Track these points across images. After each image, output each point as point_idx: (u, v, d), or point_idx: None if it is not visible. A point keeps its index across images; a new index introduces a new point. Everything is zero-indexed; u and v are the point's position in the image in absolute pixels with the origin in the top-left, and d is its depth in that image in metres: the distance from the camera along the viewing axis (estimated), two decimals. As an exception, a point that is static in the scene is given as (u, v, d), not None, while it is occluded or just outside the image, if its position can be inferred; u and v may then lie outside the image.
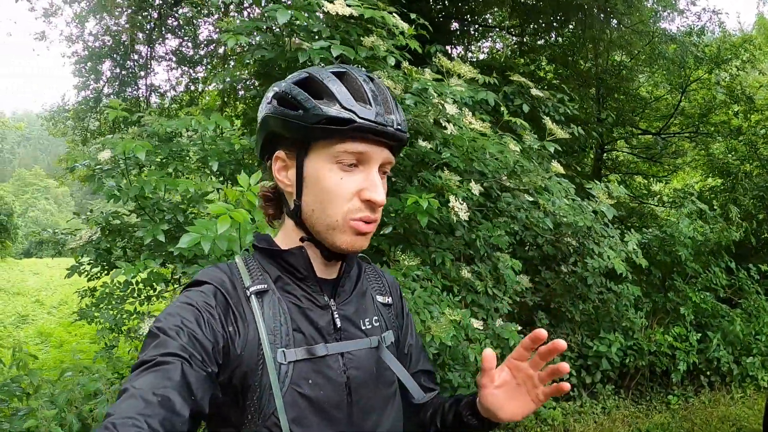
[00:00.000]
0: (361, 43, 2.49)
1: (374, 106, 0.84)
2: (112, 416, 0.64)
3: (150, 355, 0.72)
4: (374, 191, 0.85)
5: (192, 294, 0.83)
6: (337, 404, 0.86)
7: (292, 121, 0.84)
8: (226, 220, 1.60)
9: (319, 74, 0.87)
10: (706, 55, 7.84)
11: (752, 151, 7.55)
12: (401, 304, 1.08)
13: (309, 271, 0.90)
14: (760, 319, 5.12)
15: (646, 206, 8.41)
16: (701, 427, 4.12)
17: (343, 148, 0.83)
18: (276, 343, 0.83)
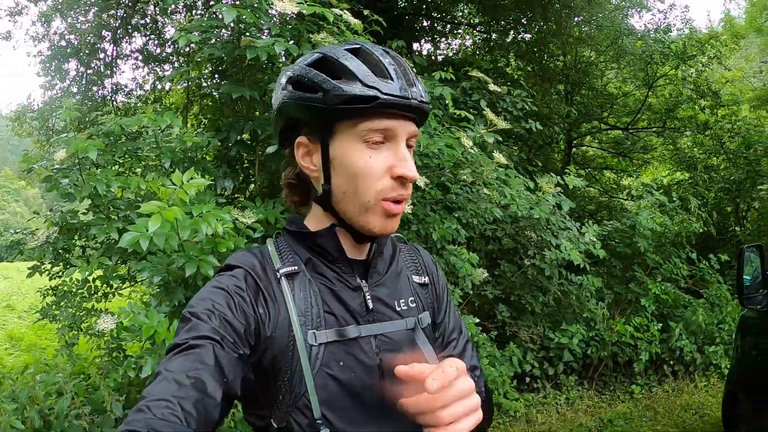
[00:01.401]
0: (310, 39, 2.52)
1: (396, 79, 0.82)
2: (146, 398, 0.65)
3: (182, 339, 0.74)
4: (405, 167, 0.83)
5: (222, 278, 0.84)
6: (369, 387, 0.85)
7: (313, 105, 0.82)
8: (158, 219, 1.63)
9: (333, 53, 0.84)
10: (672, 51, 8.00)
11: (719, 144, 7.72)
12: (439, 282, 1.06)
13: (339, 253, 0.89)
14: (723, 309, 5.24)
15: (616, 200, 8.58)
16: (664, 415, 4.23)
17: (368, 126, 0.81)
18: (307, 325, 0.83)
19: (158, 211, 1.63)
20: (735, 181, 7.11)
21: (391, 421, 0.85)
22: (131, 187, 2.47)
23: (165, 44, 6.55)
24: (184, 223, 1.79)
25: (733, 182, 7.13)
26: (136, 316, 1.92)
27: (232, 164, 3.24)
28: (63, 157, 2.68)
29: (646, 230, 4.84)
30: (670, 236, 5.25)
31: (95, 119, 3.55)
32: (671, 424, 4.06)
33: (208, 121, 3.35)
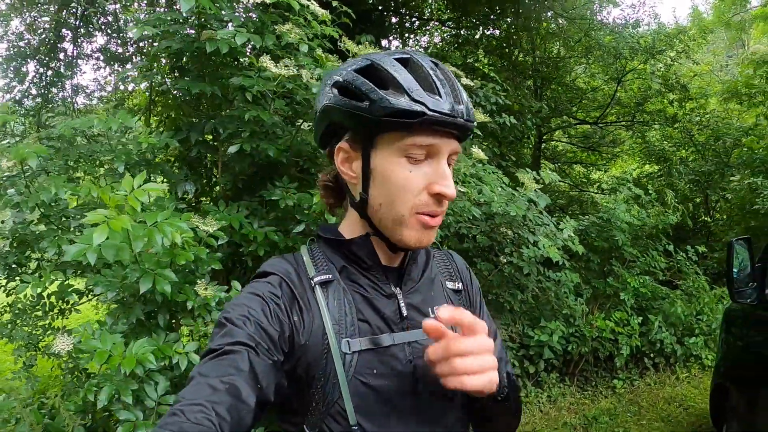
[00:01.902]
0: (275, 31, 2.37)
1: (444, 95, 0.80)
2: (180, 402, 0.66)
3: (218, 344, 0.74)
4: (444, 185, 0.82)
5: (258, 285, 0.85)
6: (403, 394, 0.86)
7: (357, 113, 0.81)
8: (104, 229, 1.45)
9: (382, 61, 0.83)
10: (641, 46, 8.07)
11: (687, 137, 7.82)
12: (472, 286, 1.06)
13: (374, 261, 0.90)
14: (700, 300, 5.28)
15: (586, 194, 8.63)
16: (648, 409, 4.20)
17: (412, 141, 0.80)
18: (341, 333, 0.83)
19: (105, 220, 1.45)
20: (704, 173, 7.20)
21: (425, 427, 0.87)
22: (82, 194, 2.27)
23: (127, 43, 6.28)
24: (136, 233, 1.62)
25: (702, 174, 7.22)
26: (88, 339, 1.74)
27: (193, 166, 3.05)
28: (8, 165, 2.48)
29: (623, 223, 4.82)
30: (647, 229, 5.25)
31: (47, 122, 3.32)
32: (656, 418, 4.04)
33: (167, 121, 3.14)
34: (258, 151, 2.54)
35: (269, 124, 2.49)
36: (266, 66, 2.18)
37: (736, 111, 7.97)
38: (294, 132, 2.65)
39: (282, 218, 2.70)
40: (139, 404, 1.76)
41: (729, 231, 6.85)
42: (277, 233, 2.55)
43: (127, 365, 1.56)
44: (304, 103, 2.69)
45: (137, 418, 1.67)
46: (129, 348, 1.64)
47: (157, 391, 1.77)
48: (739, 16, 13.66)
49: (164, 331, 2.07)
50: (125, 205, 1.53)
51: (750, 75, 6.87)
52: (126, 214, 1.51)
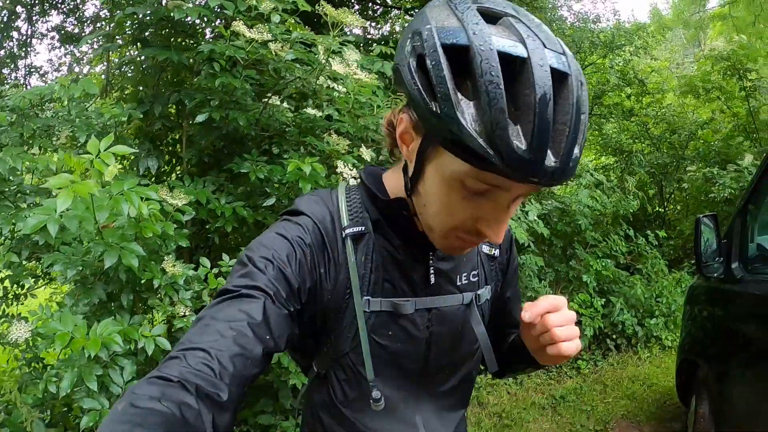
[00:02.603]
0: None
1: (536, 147, 0.58)
2: (183, 345, 0.63)
3: (234, 285, 0.71)
4: (494, 230, 0.70)
5: (288, 225, 0.80)
6: (413, 357, 0.85)
7: (422, 107, 0.63)
8: (68, 194, 1.32)
9: (483, 54, 0.59)
10: (601, 40, 8.25)
11: (644, 130, 8.06)
12: (509, 256, 1.00)
13: (409, 223, 0.83)
14: (659, 283, 5.46)
15: None
16: (613, 387, 4.29)
17: (474, 176, 0.64)
18: (363, 290, 0.81)
19: (68, 185, 1.32)
20: (660, 165, 7.45)
21: (431, 392, 0.89)
22: (40, 168, 2.11)
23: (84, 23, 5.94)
24: (101, 202, 1.50)
25: (658, 166, 7.46)
26: (47, 321, 1.59)
27: (155, 141, 2.89)
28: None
29: (585, 208, 4.92)
30: (608, 214, 5.39)
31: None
32: (621, 396, 4.14)
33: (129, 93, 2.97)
34: (226, 123, 2.43)
35: (239, 93, 2.38)
36: (241, 31, 2.06)
37: (692, 105, 8.26)
38: (262, 107, 2.55)
39: (250, 193, 2.60)
40: (104, 391, 1.64)
41: (684, 220, 7.11)
42: (245, 208, 2.45)
43: (92, 347, 1.42)
44: (274, 75, 2.58)
45: (103, 406, 1.55)
46: (93, 329, 1.51)
47: (123, 377, 1.65)
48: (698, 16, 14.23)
49: (128, 312, 1.95)
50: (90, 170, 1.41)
51: (708, 71, 7.13)
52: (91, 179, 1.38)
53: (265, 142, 2.75)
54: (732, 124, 7.17)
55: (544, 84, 0.59)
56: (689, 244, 6.58)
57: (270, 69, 2.37)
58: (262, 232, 2.48)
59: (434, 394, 0.90)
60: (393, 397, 0.84)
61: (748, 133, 6.93)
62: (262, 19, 2.44)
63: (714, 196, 5.62)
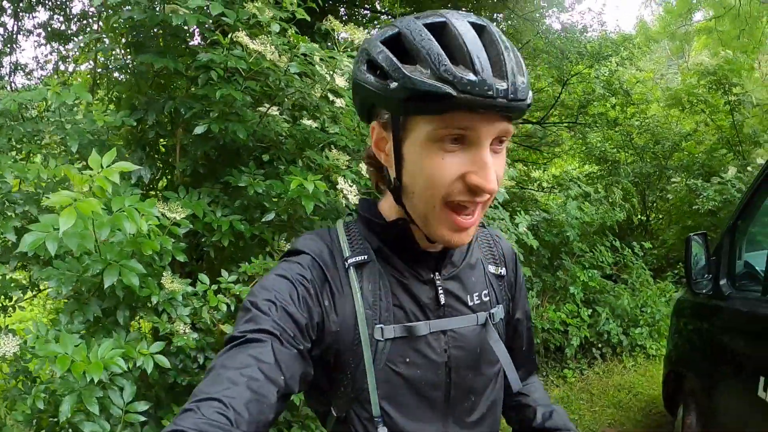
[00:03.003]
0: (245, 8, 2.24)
1: (479, 70, 0.67)
2: (196, 397, 0.62)
3: (240, 331, 0.70)
4: (482, 176, 0.71)
5: (287, 266, 0.79)
6: (435, 384, 0.83)
7: (382, 94, 0.72)
8: (71, 213, 1.29)
9: (410, 29, 0.71)
10: (588, 51, 8.36)
11: (628, 140, 8.18)
12: (515, 276, 1.00)
13: (411, 244, 0.84)
14: (644, 293, 5.56)
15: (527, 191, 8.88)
16: (599, 396, 4.36)
17: (443, 126, 0.69)
18: (374, 319, 0.80)
19: (71, 203, 1.29)
20: (643, 175, 7.57)
21: (451, 419, 0.85)
22: (30, 177, 2.06)
23: (71, 20, 5.82)
24: (101, 218, 1.47)
25: (641, 175, 7.59)
26: (45, 343, 1.55)
27: (147, 150, 2.85)
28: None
29: (573, 220, 4.98)
30: (594, 225, 5.47)
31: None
32: (608, 405, 4.20)
33: (122, 99, 2.91)
34: (223, 134, 2.40)
35: (239, 104, 2.36)
36: (244, 42, 2.04)
37: (676, 117, 8.41)
38: (261, 117, 2.52)
39: (247, 206, 2.57)
40: (104, 413, 1.60)
41: (667, 229, 7.24)
42: (242, 222, 2.42)
43: (95, 372, 1.38)
44: (272, 87, 2.56)
45: (104, 429, 1.51)
46: (93, 351, 1.47)
47: (123, 398, 1.61)
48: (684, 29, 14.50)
49: (124, 329, 1.91)
50: (92, 186, 1.38)
51: (693, 84, 7.27)
52: (93, 197, 1.35)
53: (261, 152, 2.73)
54: (716, 136, 7.32)
55: (467, 29, 0.70)
56: (672, 254, 6.72)
57: (270, 81, 2.35)
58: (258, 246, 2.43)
59: (464, 425, 0.87)
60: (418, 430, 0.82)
61: (731, 146, 7.09)
62: (261, 27, 2.42)
63: (698, 208, 5.73)
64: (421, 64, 0.69)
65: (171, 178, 3.03)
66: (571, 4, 9.19)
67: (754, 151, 7.11)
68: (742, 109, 6.84)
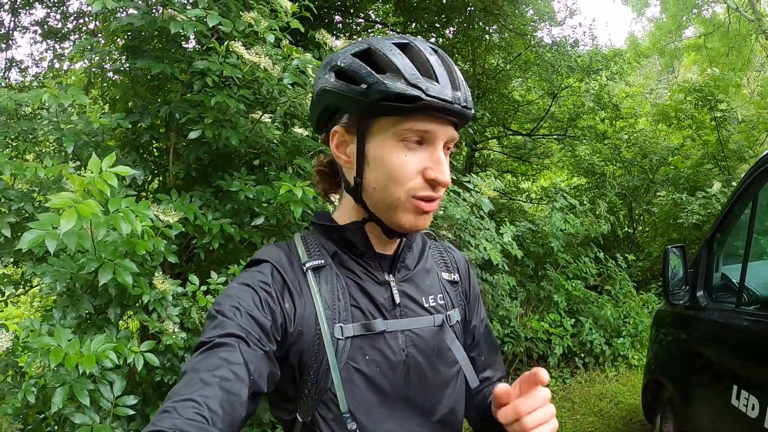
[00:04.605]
0: (241, 18, 2.30)
1: (441, 81, 0.80)
2: (172, 399, 0.65)
3: (208, 337, 0.73)
4: (439, 171, 0.81)
5: (248, 274, 0.84)
6: (394, 382, 0.85)
7: (354, 97, 0.80)
8: (72, 214, 1.34)
9: (380, 46, 0.82)
10: (579, 65, 8.51)
11: (616, 153, 8.32)
12: (469, 282, 1.06)
13: (366, 247, 0.89)
14: (627, 304, 5.65)
15: (515, 202, 8.98)
16: (581, 405, 4.42)
17: (408, 126, 0.80)
18: (333, 319, 0.83)
19: (71, 204, 1.34)
20: (630, 188, 7.70)
21: (413, 419, 0.87)
22: (27, 174, 2.10)
23: (67, 18, 5.84)
24: (98, 219, 1.51)
25: (628, 188, 7.71)
26: (39, 336, 1.59)
27: (140, 152, 2.89)
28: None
29: (558, 231, 5.06)
30: (579, 237, 5.55)
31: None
32: (589, 413, 4.26)
33: (118, 102, 2.96)
34: (216, 139, 2.46)
35: (233, 111, 2.42)
36: (240, 52, 2.11)
37: (664, 132, 8.55)
38: (253, 124, 2.58)
39: (237, 210, 2.63)
40: (94, 405, 1.64)
41: (652, 242, 7.35)
42: (232, 225, 2.48)
43: (87, 364, 1.44)
44: (266, 95, 2.62)
45: (93, 422, 1.56)
46: (86, 345, 1.52)
47: (113, 392, 1.66)
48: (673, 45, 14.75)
49: (114, 327, 1.95)
50: (90, 188, 1.43)
51: (681, 100, 7.41)
52: (92, 198, 1.40)
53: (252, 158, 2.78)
54: (702, 151, 7.45)
55: (426, 49, 0.83)
56: (657, 266, 6.82)
57: (264, 90, 2.41)
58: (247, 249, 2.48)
59: (427, 424, 0.89)
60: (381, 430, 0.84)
61: (717, 161, 7.23)
62: (256, 36, 2.48)
63: (682, 222, 5.84)
64: (392, 74, 0.79)
65: (162, 180, 3.08)
66: (563, 18, 9.28)
67: (739, 166, 7.26)
68: (727, 125, 6.98)
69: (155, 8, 2.46)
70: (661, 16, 15.26)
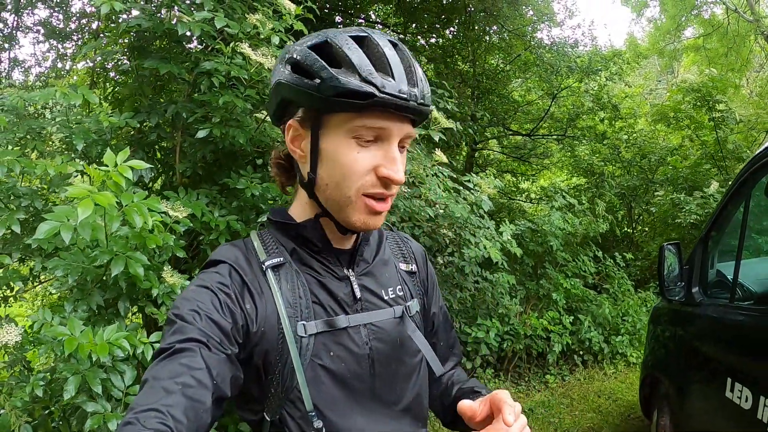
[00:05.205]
0: (246, 20, 2.35)
1: (396, 77, 0.78)
2: (134, 409, 0.64)
3: (168, 343, 0.72)
4: (392, 169, 0.80)
5: (206, 276, 0.82)
6: (360, 376, 0.85)
7: (307, 92, 0.78)
8: (89, 204, 1.39)
9: (337, 39, 0.80)
10: (578, 65, 8.56)
11: (615, 154, 8.37)
12: (426, 271, 1.06)
13: (324, 243, 0.89)
14: (625, 302, 5.70)
15: (515, 202, 9.03)
16: (579, 401, 4.48)
17: (361, 123, 0.78)
18: (296, 317, 0.82)
19: (87, 195, 1.39)
20: (630, 188, 7.75)
21: (380, 410, 0.88)
22: (37, 172, 2.15)
23: (70, 18, 5.88)
24: (112, 212, 1.57)
25: (627, 188, 7.76)
26: (50, 326, 1.64)
27: (147, 150, 2.95)
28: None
29: (557, 230, 5.11)
30: (578, 236, 5.60)
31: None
32: (588, 409, 4.32)
33: (126, 101, 3.01)
34: (222, 138, 2.51)
35: (239, 111, 2.47)
36: (247, 53, 2.16)
37: (663, 132, 8.59)
38: (258, 123, 2.64)
39: (242, 207, 2.68)
40: (105, 394, 1.69)
41: (651, 242, 7.40)
42: (238, 222, 2.53)
43: (101, 352, 1.49)
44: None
45: (105, 410, 1.61)
46: (99, 335, 1.57)
47: (125, 381, 1.71)
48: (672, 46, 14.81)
49: (123, 319, 2.01)
50: (106, 181, 1.48)
51: (679, 101, 7.45)
52: (108, 191, 1.46)
53: (256, 157, 2.84)
54: (700, 151, 7.50)
55: (384, 43, 0.81)
56: (655, 266, 6.84)
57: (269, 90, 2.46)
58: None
59: (391, 414, 0.90)
60: (349, 424, 0.84)
61: (715, 161, 7.28)
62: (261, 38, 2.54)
63: (680, 222, 5.89)
64: (347, 68, 0.77)
65: (167, 178, 3.14)
66: (562, 19, 9.35)
67: (737, 166, 7.29)
68: (725, 126, 7.03)
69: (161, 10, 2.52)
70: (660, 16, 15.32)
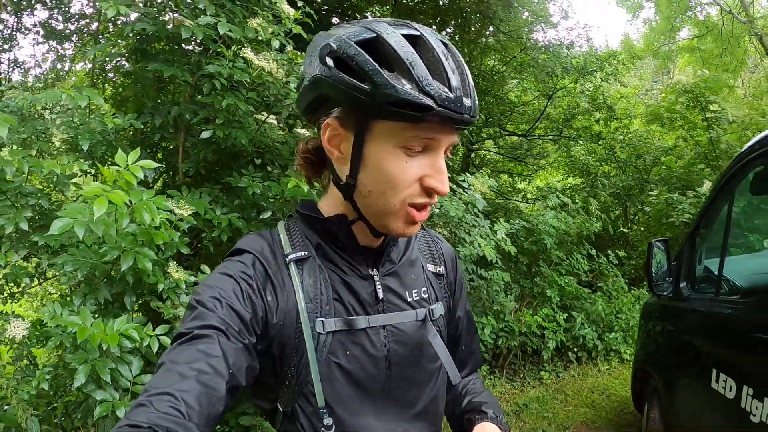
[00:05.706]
0: (246, 24, 2.43)
1: (453, 87, 0.73)
2: (148, 392, 0.64)
3: (187, 328, 0.72)
4: (439, 180, 0.78)
5: (230, 264, 0.81)
6: (375, 377, 0.84)
7: (356, 95, 0.73)
8: (103, 202, 1.47)
9: (388, 36, 0.74)
10: (574, 66, 8.64)
11: (610, 154, 8.45)
12: (455, 274, 1.03)
13: (350, 240, 0.87)
14: (619, 300, 5.78)
15: (511, 202, 9.10)
16: (573, 397, 4.55)
17: (414, 134, 0.75)
18: (315, 312, 0.81)
19: (103, 194, 1.46)
20: (625, 187, 7.83)
21: (393, 412, 0.87)
22: (44, 171, 2.22)
23: (69, 20, 5.94)
24: (122, 210, 1.64)
25: (623, 188, 7.85)
26: (61, 316, 1.71)
27: (149, 150, 3.02)
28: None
29: (551, 228, 5.19)
30: (572, 235, 5.68)
31: (1, 95, 3.16)
32: (581, 405, 4.40)
33: (129, 102, 3.09)
34: (225, 139, 2.59)
35: (241, 113, 2.55)
36: (250, 57, 2.24)
37: (657, 132, 8.66)
38: (259, 125, 2.71)
39: (244, 206, 2.76)
40: (113, 383, 1.76)
41: (645, 241, 7.47)
42: (240, 219, 2.61)
43: (111, 342, 1.56)
44: (271, 97, 2.76)
45: (114, 398, 1.68)
46: (109, 325, 1.65)
47: (132, 371, 1.78)
48: (667, 47, 14.91)
49: (129, 313, 2.08)
50: (118, 180, 1.55)
51: (673, 101, 7.53)
52: (119, 189, 1.53)
53: (257, 157, 2.92)
54: (694, 151, 7.59)
55: (437, 44, 0.76)
56: (649, 264, 6.93)
57: (270, 92, 2.54)
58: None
59: (405, 417, 0.88)
60: (360, 423, 0.83)
61: (708, 161, 7.36)
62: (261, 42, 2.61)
63: (673, 221, 5.97)
64: (402, 74, 0.72)
65: (169, 178, 3.22)
66: (558, 21, 9.44)
67: (730, 166, 7.36)
68: (717, 126, 7.11)
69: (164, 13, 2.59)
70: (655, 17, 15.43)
